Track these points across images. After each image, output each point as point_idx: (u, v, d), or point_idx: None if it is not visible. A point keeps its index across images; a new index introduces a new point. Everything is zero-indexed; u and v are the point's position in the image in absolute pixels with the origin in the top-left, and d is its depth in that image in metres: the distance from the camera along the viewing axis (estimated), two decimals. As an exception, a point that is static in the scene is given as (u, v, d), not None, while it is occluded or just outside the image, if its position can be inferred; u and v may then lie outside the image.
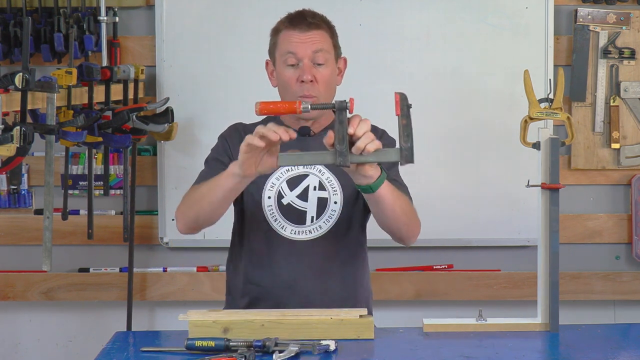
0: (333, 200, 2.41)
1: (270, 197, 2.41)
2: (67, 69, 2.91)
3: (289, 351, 2.00)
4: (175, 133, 3.27)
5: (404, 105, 2.04)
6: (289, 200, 2.41)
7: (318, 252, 2.41)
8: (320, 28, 2.40)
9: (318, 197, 2.41)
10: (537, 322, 2.28)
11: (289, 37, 2.38)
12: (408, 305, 3.43)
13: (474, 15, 3.34)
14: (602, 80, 3.36)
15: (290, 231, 2.41)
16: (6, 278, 3.44)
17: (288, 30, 2.39)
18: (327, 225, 2.42)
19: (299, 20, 2.39)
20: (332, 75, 2.42)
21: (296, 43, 2.37)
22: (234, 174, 2.15)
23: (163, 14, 3.33)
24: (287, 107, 2.06)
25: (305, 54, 2.36)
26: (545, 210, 2.27)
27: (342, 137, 2.02)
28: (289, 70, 2.38)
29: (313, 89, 2.36)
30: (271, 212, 2.41)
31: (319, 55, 2.37)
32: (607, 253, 3.47)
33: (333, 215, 2.42)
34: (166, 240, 3.41)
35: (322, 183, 2.42)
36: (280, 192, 2.41)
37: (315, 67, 2.37)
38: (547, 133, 2.27)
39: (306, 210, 2.41)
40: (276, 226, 2.41)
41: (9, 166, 2.71)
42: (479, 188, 3.37)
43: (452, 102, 3.35)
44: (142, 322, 3.47)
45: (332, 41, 2.43)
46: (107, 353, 2.10)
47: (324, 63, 2.38)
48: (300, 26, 2.38)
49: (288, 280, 2.40)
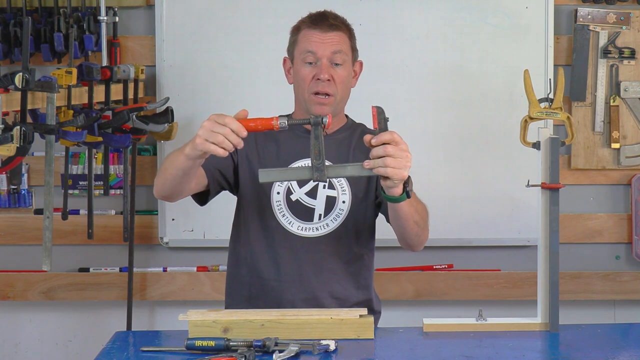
0: (341, 199, 2.43)
1: (279, 192, 2.43)
2: (67, 69, 2.91)
3: (289, 351, 2.00)
4: (175, 133, 3.27)
5: (381, 118, 2.04)
6: (297, 197, 2.43)
7: (323, 249, 2.43)
8: (341, 30, 2.44)
9: (327, 195, 2.43)
10: (537, 322, 2.28)
11: (310, 36, 2.42)
12: (408, 305, 3.43)
13: (474, 15, 3.34)
14: (602, 80, 3.36)
15: (297, 227, 2.43)
16: (6, 278, 3.44)
17: (309, 30, 2.43)
18: (334, 223, 2.43)
19: (320, 20, 2.43)
20: (348, 77, 2.45)
21: (316, 42, 2.41)
22: (187, 155, 2.13)
23: (163, 14, 3.33)
24: (265, 124, 2.05)
25: (324, 54, 2.40)
26: (545, 210, 2.27)
27: (318, 152, 2.03)
28: (307, 67, 2.42)
29: (329, 87, 2.39)
30: (279, 208, 2.43)
31: (337, 56, 2.41)
32: (607, 253, 3.47)
33: (341, 214, 2.43)
34: (166, 240, 3.41)
35: (332, 181, 2.44)
36: (290, 188, 2.44)
37: (333, 67, 2.41)
38: (547, 133, 2.27)
39: (314, 208, 2.43)
40: (284, 221, 2.43)
41: (9, 166, 2.71)
42: (479, 188, 3.37)
43: (452, 101, 3.35)
44: (142, 322, 3.47)
45: (350, 43, 2.47)
46: (107, 353, 2.10)
47: (341, 64, 2.42)
48: (321, 26, 2.42)
49: (292, 275, 2.42)
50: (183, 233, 3.39)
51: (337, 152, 2.44)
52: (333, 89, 2.40)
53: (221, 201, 2.56)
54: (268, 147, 2.47)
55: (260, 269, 2.45)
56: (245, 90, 3.32)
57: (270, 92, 3.28)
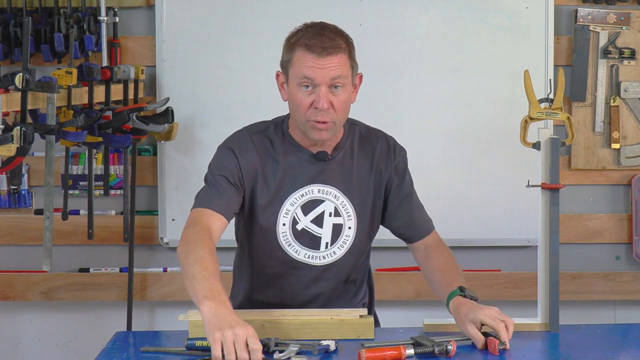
0: (347, 225, 2.37)
1: (285, 224, 2.34)
2: (67, 69, 2.91)
3: (289, 351, 2.00)
4: (175, 133, 3.27)
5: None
6: (303, 226, 2.35)
7: (329, 277, 2.39)
8: (339, 51, 2.21)
9: (333, 223, 2.36)
10: (537, 322, 2.28)
11: (306, 61, 2.20)
12: (408, 305, 3.43)
13: (474, 15, 3.34)
14: (602, 80, 3.36)
15: (304, 255, 2.36)
16: (6, 278, 3.44)
17: (305, 53, 2.20)
18: (341, 251, 2.37)
19: (316, 42, 2.19)
20: (349, 98, 2.27)
21: (313, 68, 2.19)
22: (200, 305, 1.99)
23: (163, 14, 3.33)
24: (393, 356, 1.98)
25: (323, 81, 2.20)
26: (545, 210, 2.27)
27: None
28: (304, 93, 2.22)
29: (328, 115, 2.22)
30: (285, 238, 2.35)
31: (337, 81, 2.21)
32: (607, 253, 3.47)
33: (347, 240, 2.37)
34: (166, 240, 3.41)
35: (337, 209, 2.36)
36: (295, 218, 2.34)
37: (332, 92, 2.22)
38: (547, 133, 2.27)
39: (321, 236, 2.36)
40: (290, 251, 2.36)
41: (9, 166, 2.71)
42: (479, 188, 3.37)
43: (452, 102, 3.35)
44: (142, 322, 3.47)
45: (350, 63, 2.25)
46: (107, 353, 2.10)
47: (342, 86, 2.23)
48: (317, 51, 2.19)
49: (299, 303, 2.38)
50: (183, 233, 3.39)
51: (341, 176, 2.35)
52: (332, 116, 2.23)
53: (221, 201, 2.56)
54: (273, 172, 2.33)
55: (260, 296, 2.42)
56: (245, 90, 3.32)
57: (271, 92, 3.24)
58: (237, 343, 1.87)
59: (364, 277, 2.51)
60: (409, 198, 2.42)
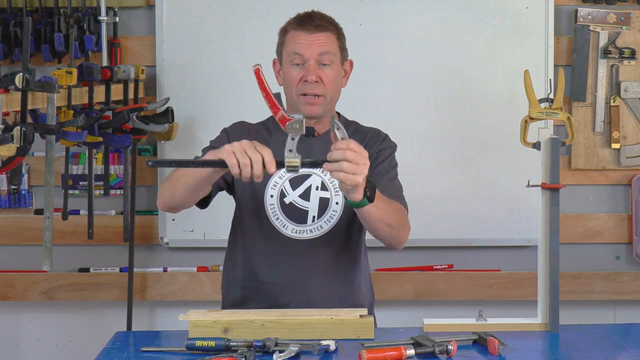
0: (335, 200, 2.43)
1: (272, 195, 2.43)
2: (68, 69, 2.91)
3: (289, 351, 2.00)
4: (176, 133, 3.27)
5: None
6: (291, 200, 2.43)
7: (318, 251, 2.43)
8: (328, 30, 2.43)
9: (320, 197, 2.43)
10: (537, 322, 2.28)
11: (296, 38, 2.41)
12: (408, 305, 3.43)
13: (474, 15, 3.34)
14: (603, 80, 3.36)
15: (291, 230, 2.43)
16: (6, 278, 3.44)
17: (295, 31, 2.42)
18: (327, 225, 2.43)
19: (306, 21, 2.42)
20: (337, 77, 2.45)
21: (303, 44, 2.40)
22: None
23: (163, 14, 3.33)
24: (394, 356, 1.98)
25: (311, 55, 2.40)
26: (545, 210, 2.27)
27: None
28: (295, 69, 2.41)
29: (317, 88, 2.39)
30: (273, 211, 2.43)
31: (324, 57, 2.41)
32: (607, 253, 3.47)
33: (334, 215, 2.43)
34: (166, 240, 3.41)
35: (325, 183, 2.43)
36: (283, 191, 2.43)
37: (321, 68, 2.40)
38: (548, 133, 2.27)
39: (308, 210, 2.43)
40: (278, 224, 2.43)
41: (9, 166, 2.70)
42: (479, 188, 3.37)
43: (452, 102, 3.35)
44: (142, 322, 3.47)
45: (338, 43, 2.45)
46: (107, 353, 2.10)
47: (329, 64, 2.41)
48: (307, 27, 2.41)
49: (288, 278, 2.42)
50: (183, 233, 3.39)
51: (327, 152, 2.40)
52: (322, 90, 2.40)
53: (221, 201, 2.56)
54: None
55: (255, 272, 2.45)
56: (245, 90, 3.32)
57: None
58: (247, 149, 2.01)
59: (358, 254, 2.50)
60: (380, 175, 2.41)
